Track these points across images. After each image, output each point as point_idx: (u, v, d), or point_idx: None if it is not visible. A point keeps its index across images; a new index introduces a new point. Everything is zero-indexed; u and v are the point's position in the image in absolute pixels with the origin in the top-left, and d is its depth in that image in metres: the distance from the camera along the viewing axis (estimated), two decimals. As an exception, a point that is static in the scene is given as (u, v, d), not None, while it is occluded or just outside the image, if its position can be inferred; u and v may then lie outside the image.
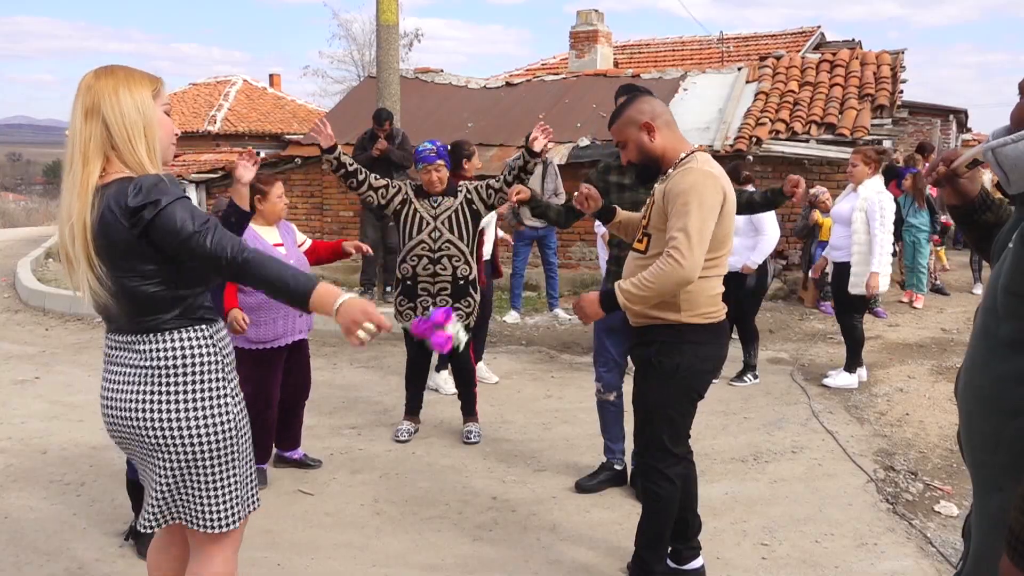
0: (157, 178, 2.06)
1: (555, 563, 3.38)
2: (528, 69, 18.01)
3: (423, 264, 4.55)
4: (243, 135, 20.19)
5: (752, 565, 3.36)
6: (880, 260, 5.66)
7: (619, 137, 3.02)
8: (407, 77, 12.53)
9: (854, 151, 6.14)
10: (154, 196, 2.01)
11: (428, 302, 4.59)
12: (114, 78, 2.11)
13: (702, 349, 2.95)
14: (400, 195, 4.59)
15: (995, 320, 1.65)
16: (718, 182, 2.83)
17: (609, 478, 4.16)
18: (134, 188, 2.02)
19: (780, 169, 9.16)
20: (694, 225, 2.74)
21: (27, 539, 3.56)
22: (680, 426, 3.03)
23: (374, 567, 3.36)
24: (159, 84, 2.18)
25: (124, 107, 2.08)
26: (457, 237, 4.56)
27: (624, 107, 3.02)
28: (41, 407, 5.44)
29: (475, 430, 4.86)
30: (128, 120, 2.07)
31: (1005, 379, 1.61)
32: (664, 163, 2.96)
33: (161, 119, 2.17)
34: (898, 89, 10.32)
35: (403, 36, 25.53)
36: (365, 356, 6.89)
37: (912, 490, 4.11)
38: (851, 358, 5.96)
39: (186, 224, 2.01)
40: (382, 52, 9.03)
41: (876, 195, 5.72)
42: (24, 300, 9.33)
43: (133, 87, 2.11)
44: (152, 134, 2.11)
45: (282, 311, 3.98)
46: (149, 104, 2.12)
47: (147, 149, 2.10)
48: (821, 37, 17.86)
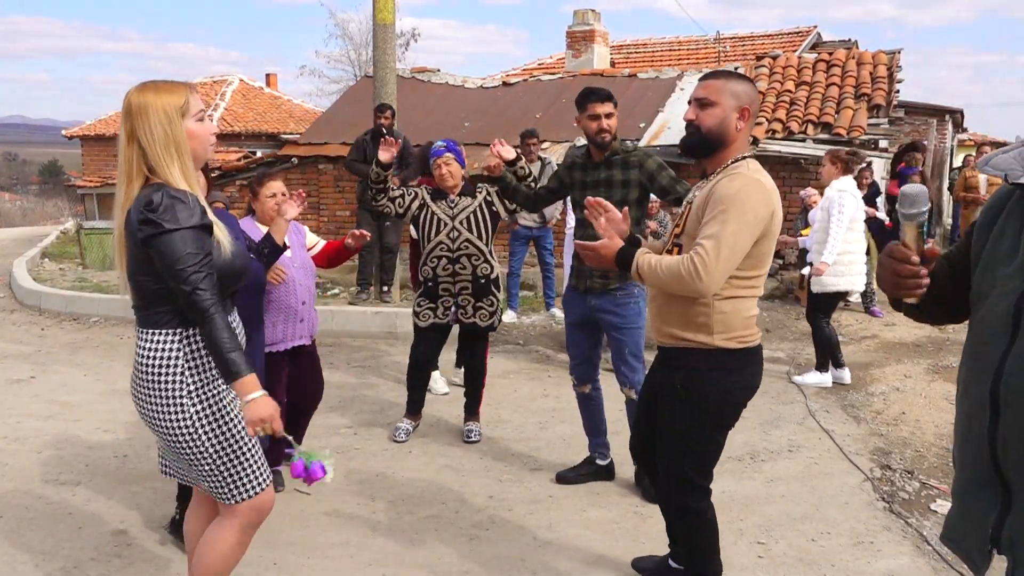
0: (173, 200, 2.23)
1: (552, 562, 3.38)
2: (525, 69, 18.00)
3: (442, 265, 4.55)
4: (239, 135, 20.16)
5: (749, 564, 3.36)
6: (831, 252, 5.74)
7: (712, 96, 2.64)
8: (404, 77, 12.52)
9: (826, 151, 6.27)
10: (159, 217, 2.21)
11: (449, 302, 4.60)
12: (145, 100, 2.28)
13: (734, 377, 2.67)
14: (417, 200, 4.61)
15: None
16: (768, 194, 2.57)
17: (592, 472, 4.18)
18: (146, 201, 2.23)
19: (777, 168, 9.16)
20: (728, 236, 2.47)
21: (23, 539, 3.55)
22: (708, 459, 2.79)
23: (370, 566, 3.35)
24: (187, 94, 2.32)
25: (155, 131, 2.27)
26: (476, 237, 4.55)
27: (735, 76, 2.72)
28: (37, 407, 5.43)
29: (476, 429, 4.86)
30: (159, 143, 2.27)
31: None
32: (720, 154, 2.67)
33: (193, 130, 2.33)
34: (894, 89, 10.33)
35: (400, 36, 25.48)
36: (361, 356, 6.89)
37: (908, 489, 4.12)
38: (820, 357, 6.02)
39: (183, 259, 2.21)
40: (379, 52, 9.01)
41: (837, 193, 5.82)
42: (20, 300, 9.32)
43: (163, 108, 2.27)
44: (183, 151, 2.30)
45: (282, 315, 3.97)
46: (177, 123, 2.28)
47: (180, 167, 2.30)
48: (817, 37, 17.88)
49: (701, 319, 2.64)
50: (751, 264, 2.61)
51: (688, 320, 2.68)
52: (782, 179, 9.30)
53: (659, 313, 2.80)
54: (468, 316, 4.63)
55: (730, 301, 2.63)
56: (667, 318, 2.75)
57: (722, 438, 2.79)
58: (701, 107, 2.66)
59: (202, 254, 2.25)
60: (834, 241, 5.73)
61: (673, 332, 2.72)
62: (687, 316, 2.68)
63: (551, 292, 8.40)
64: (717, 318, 2.63)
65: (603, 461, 4.18)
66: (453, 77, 13.30)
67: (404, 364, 5.03)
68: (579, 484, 4.13)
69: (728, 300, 2.64)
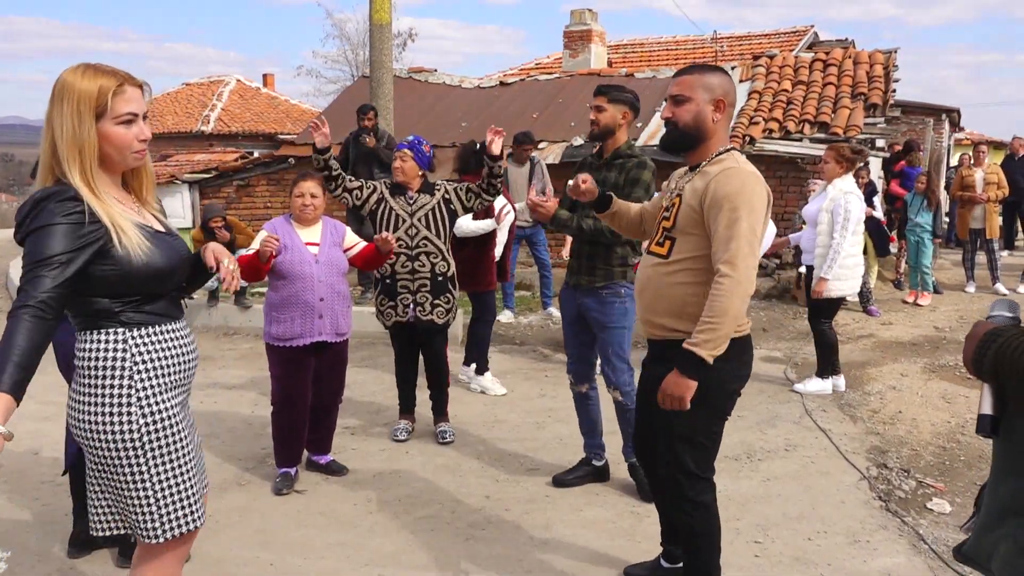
0: (44, 195, 2.01)
1: (548, 562, 3.38)
2: (522, 68, 18.01)
3: (401, 262, 4.56)
4: (236, 135, 20.15)
5: (746, 563, 3.36)
6: (831, 265, 5.50)
7: (685, 92, 2.66)
8: (401, 77, 12.52)
9: (828, 147, 5.92)
10: (30, 216, 2.01)
11: (408, 299, 4.59)
12: (68, 86, 2.03)
13: (727, 366, 2.63)
14: (375, 195, 4.61)
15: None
16: (763, 184, 2.61)
17: (588, 473, 4.17)
18: (28, 199, 2.02)
19: (774, 168, 9.16)
20: (745, 232, 2.50)
21: (18, 539, 3.55)
22: (708, 450, 2.78)
23: (367, 566, 3.35)
24: (109, 94, 2.05)
25: (64, 125, 2.02)
26: (434, 234, 4.57)
27: (707, 69, 2.72)
28: (33, 407, 5.41)
29: (448, 429, 4.87)
30: (65, 140, 2.03)
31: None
32: (701, 148, 2.69)
33: (109, 133, 2.07)
34: (891, 88, 10.34)
35: (397, 36, 25.51)
36: (358, 356, 6.88)
37: (905, 487, 4.12)
38: (822, 363, 5.79)
39: (29, 256, 1.99)
40: (375, 52, 9.02)
41: (843, 196, 5.56)
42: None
43: (78, 101, 2.02)
44: (87, 154, 2.04)
45: (299, 310, 4.00)
46: (88, 122, 2.03)
47: (81, 170, 2.04)
48: (814, 36, 17.89)
49: (691, 310, 2.62)
50: None
51: (679, 311, 2.67)
52: (779, 178, 9.30)
53: (649, 306, 2.78)
54: (426, 313, 4.62)
55: None
56: (658, 311, 2.74)
57: (720, 428, 2.79)
58: (676, 104, 2.69)
59: (43, 255, 1.97)
60: (836, 254, 5.50)
61: (665, 324, 2.72)
62: (678, 308, 2.68)
63: (548, 291, 8.39)
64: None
65: (599, 462, 4.18)
66: (450, 77, 13.30)
67: (401, 364, 5.02)
68: (576, 485, 4.13)
69: None
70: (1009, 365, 1.58)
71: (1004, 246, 11.91)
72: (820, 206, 5.69)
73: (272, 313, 4.06)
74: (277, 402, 4.16)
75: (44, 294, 1.95)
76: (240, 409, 5.50)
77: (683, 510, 2.81)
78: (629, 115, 3.84)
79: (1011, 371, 1.58)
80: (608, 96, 3.79)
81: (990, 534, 1.71)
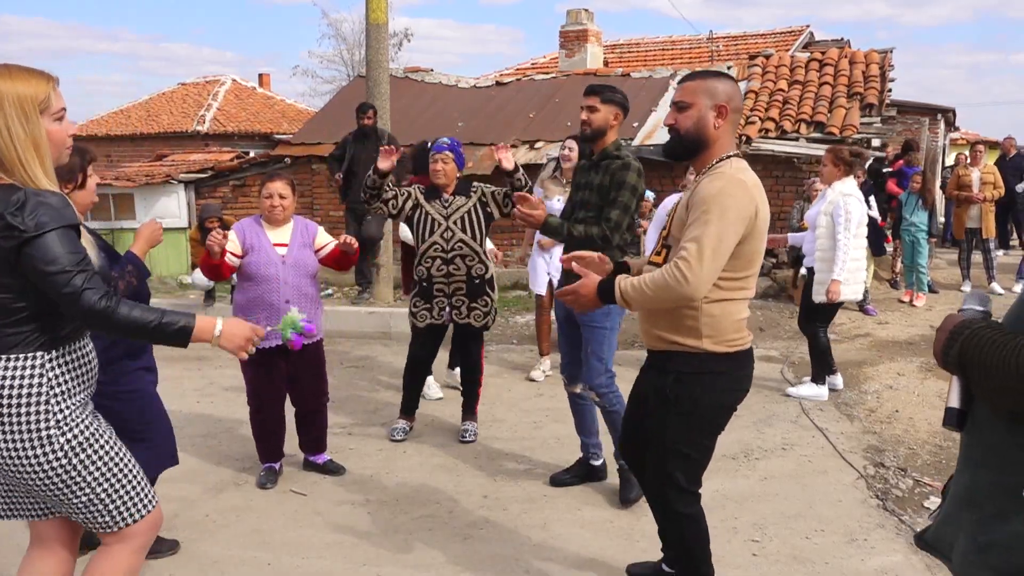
0: (42, 197, 1.99)
1: (546, 561, 3.38)
2: (518, 68, 18.00)
3: (437, 265, 4.54)
4: (232, 135, 20.09)
5: (743, 562, 3.37)
6: (842, 267, 5.45)
7: (687, 98, 2.64)
8: (397, 76, 12.51)
9: (827, 149, 5.90)
10: (38, 218, 1.96)
11: (444, 303, 4.59)
12: (3, 94, 2.00)
13: (724, 380, 2.63)
14: (410, 201, 4.60)
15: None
16: (749, 192, 2.52)
17: (585, 473, 4.17)
18: (16, 202, 1.96)
19: (770, 168, 9.18)
20: (710, 237, 2.43)
21: (15, 539, 3.54)
22: (697, 465, 2.76)
23: (364, 566, 3.35)
24: (49, 89, 2.06)
25: (12, 127, 1.99)
26: (470, 237, 4.54)
27: (711, 75, 2.70)
28: None
29: (472, 429, 4.86)
30: (19, 142, 2.00)
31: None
32: (703, 155, 2.66)
33: (51, 131, 2.06)
34: (887, 87, 10.37)
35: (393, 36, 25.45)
36: (355, 356, 6.88)
37: (902, 486, 4.13)
38: (817, 368, 5.73)
39: (59, 259, 1.96)
40: (371, 52, 9.00)
41: (842, 198, 5.53)
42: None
43: (20, 101, 2.00)
44: (44, 151, 2.04)
45: (264, 312, 3.95)
46: (35, 120, 2.02)
47: (43, 168, 2.03)
48: (810, 36, 17.92)
49: (689, 322, 2.60)
50: (739, 265, 2.57)
51: (677, 324, 2.64)
52: (775, 178, 9.32)
53: (648, 316, 2.77)
54: (463, 316, 4.63)
55: (719, 304, 2.59)
56: (656, 322, 2.72)
57: (711, 443, 2.76)
58: (679, 110, 2.67)
59: (80, 253, 2.01)
60: (844, 255, 5.44)
61: (662, 335, 2.68)
62: (676, 319, 2.64)
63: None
64: (706, 321, 2.59)
65: (596, 461, 4.18)
66: (446, 77, 13.29)
67: (398, 364, 5.03)
68: (573, 485, 4.13)
69: (717, 303, 2.59)
70: (973, 357, 1.59)
71: (999, 245, 11.93)
72: (819, 209, 5.68)
73: (239, 315, 4.00)
74: (251, 404, 4.17)
75: (102, 285, 2.04)
76: (237, 409, 5.49)
77: (671, 521, 2.83)
78: (620, 116, 3.83)
79: (975, 363, 1.59)
80: (601, 96, 3.75)
81: (950, 525, 1.76)
